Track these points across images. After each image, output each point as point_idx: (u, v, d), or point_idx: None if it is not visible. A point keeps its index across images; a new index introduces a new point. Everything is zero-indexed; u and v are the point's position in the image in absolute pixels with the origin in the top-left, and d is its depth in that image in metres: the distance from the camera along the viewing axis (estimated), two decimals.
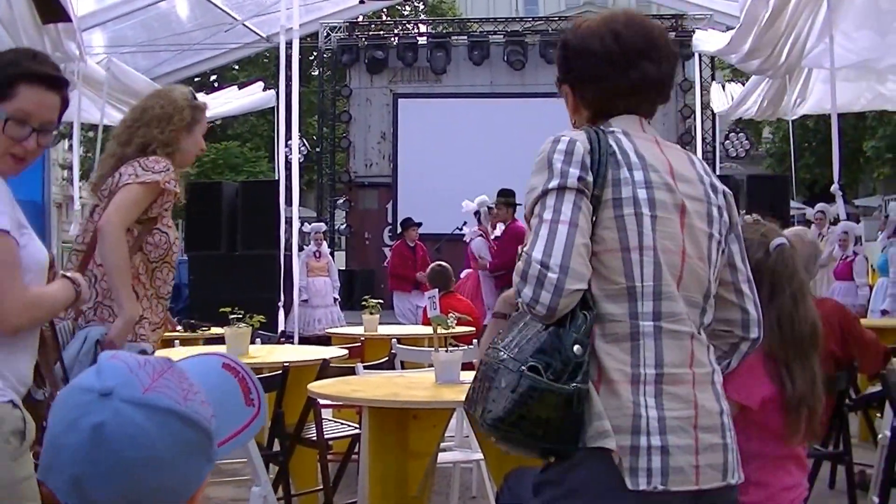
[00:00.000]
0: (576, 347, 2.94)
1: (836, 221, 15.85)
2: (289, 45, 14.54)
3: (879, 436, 7.18)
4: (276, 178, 15.96)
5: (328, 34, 27.98)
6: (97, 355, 4.04)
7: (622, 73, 3.24)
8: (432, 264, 13.45)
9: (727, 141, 27.98)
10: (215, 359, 2.09)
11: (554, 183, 3.04)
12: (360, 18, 29.86)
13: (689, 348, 3.08)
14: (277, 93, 17.19)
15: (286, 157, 15.31)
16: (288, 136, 15.67)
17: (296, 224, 14.15)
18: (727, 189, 3.37)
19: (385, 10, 38.46)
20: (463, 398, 3.51)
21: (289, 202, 14.21)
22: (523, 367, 2.95)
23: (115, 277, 5.13)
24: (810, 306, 3.86)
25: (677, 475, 2.96)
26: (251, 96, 21.75)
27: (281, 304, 13.93)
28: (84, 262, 5.33)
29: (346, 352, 8.46)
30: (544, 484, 3.12)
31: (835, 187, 11.74)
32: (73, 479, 1.72)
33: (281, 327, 13.57)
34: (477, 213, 16.72)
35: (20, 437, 3.38)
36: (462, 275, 16.08)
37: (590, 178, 3.04)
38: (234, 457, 6.58)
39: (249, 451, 4.86)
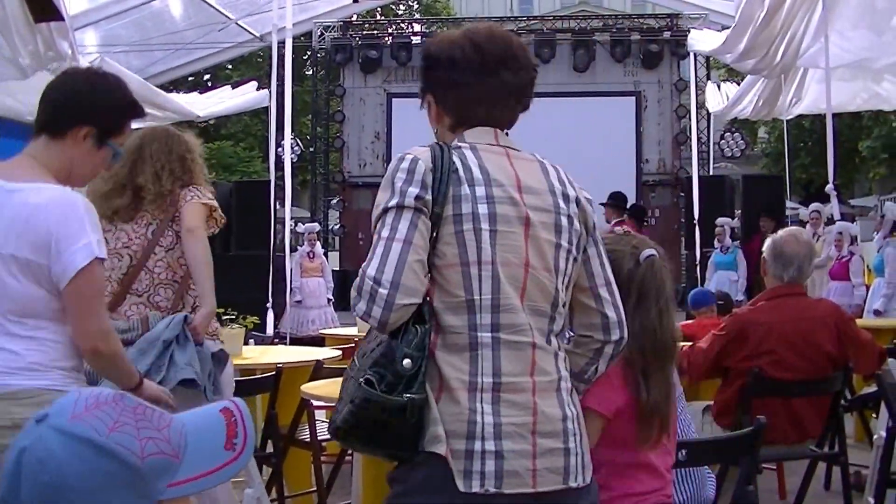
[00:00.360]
0: (405, 361, 3.09)
1: (831, 221, 15.83)
2: (282, 44, 14.51)
3: (875, 436, 7.17)
4: (268, 178, 15.95)
5: (322, 33, 28.00)
6: (184, 332, 5.42)
7: (481, 81, 3.42)
8: None
9: (722, 141, 28.03)
10: (220, 403, 2.10)
11: (393, 202, 3.19)
12: (354, 18, 29.87)
13: (531, 357, 3.20)
14: (270, 92, 17.15)
15: (279, 156, 15.26)
16: (281, 136, 15.62)
17: (288, 224, 14.11)
18: (586, 196, 3.51)
19: (379, 9, 38.48)
20: None
21: (282, 202, 14.17)
22: (360, 380, 3.11)
23: (205, 272, 5.81)
24: (674, 318, 3.92)
25: (512, 478, 3.09)
26: (245, 96, 21.68)
27: (269, 304, 13.88)
28: (137, 269, 5.90)
29: (339, 353, 8.46)
30: (392, 482, 3.26)
31: (829, 187, 11.72)
32: (2, 501, 1.76)
33: (269, 328, 13.53)
34: None
35: None
36: None
37: (428, 197, 3.17)
38: None
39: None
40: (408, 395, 3.08)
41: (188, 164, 6.15)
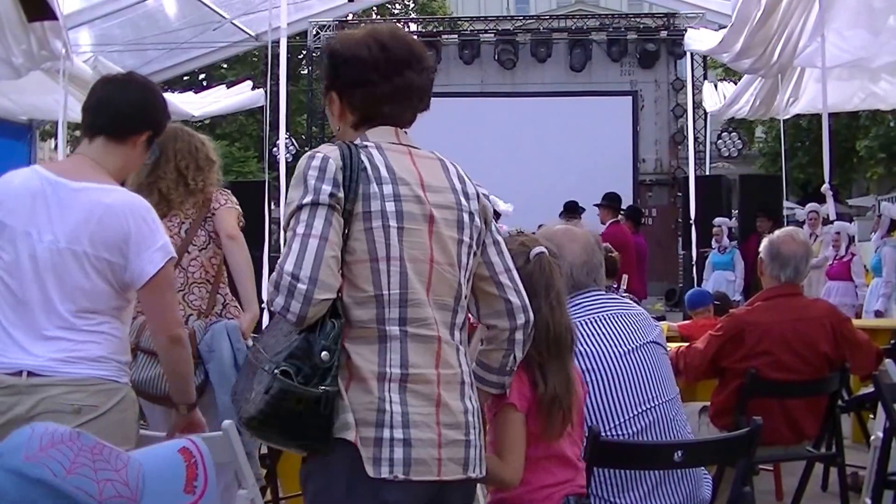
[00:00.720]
0: (323, 354, 3.22)
1: (828, 222, 15.81)
2: (277, 43, 14.48)
3: (872, 437, 7.13)
4: (264, 178, 15.94)
5: (317, 33, 27.92)
6: (234, 339, 5.78)
7: (387, 79, 3.54)
8: None
9: (720, 140, 27.96)
10: (180, 442, 2.08)
11: (308, 199, 3.29)
12: (350, 17, 29.78)
13: (436, 351, 3.37)
14: (267, 92, 17.09)
15: (274, 156, 15.24)
16: (276, 136, 15.61)
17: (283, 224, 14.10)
18: (483, 192, 3.69)
19: (375, 8, 38.36)
20: None
21: (277, 202, 14.13)
22: (276, 371, 3.20)
23: (248, 278, 6.13)
24: (566, 311, 3.97)
25: (419, 466, 3.25)
26: (240, 95, 21.65)
27: (264, 305, 13.82)
28: None
29: None
30: (307, 473, 3.38)
31: (825, 187, 11.71)
32: None
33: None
34: None
35: (139, 415, 4.43)
36: None
37: (341, 194, 3.30)
38: None
39: (237, 454, 4.81)
40: (323, 388, 3.20)
41: (210, 163, 6.31)
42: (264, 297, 14.54)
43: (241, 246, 6.07)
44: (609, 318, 4.56)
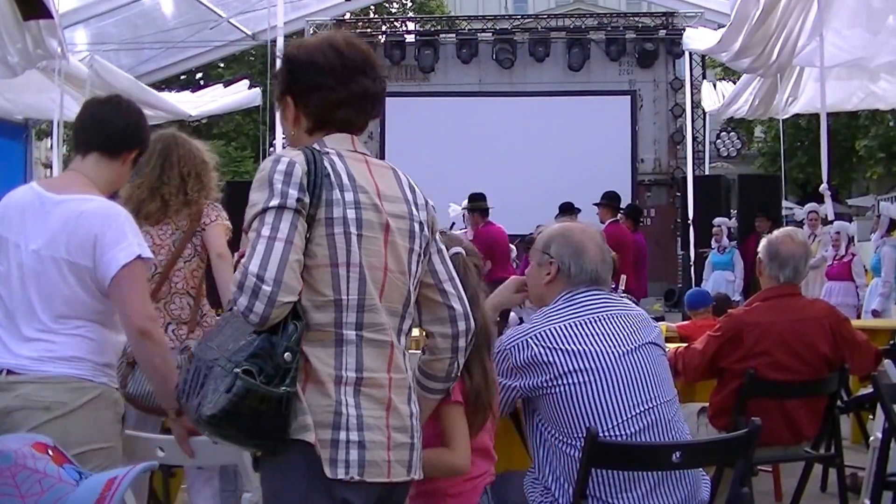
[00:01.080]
0: (286, 355, 3.31)
1: (827, 222, 15.79)
2: (273, 42, 14.46)
3: (871, 438, 7.11)
4: None
5: (314, 32, 27.87)
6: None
7: (343, 85, 3.63)
8: None
9: (718, 140, 28.01)
10: (109, 474, 2.06)
11: (274, 202, 3.36)
12: (347, 16, 29.76)
13: (389, 355, 3.51)
14: (265, 92, 17.06)
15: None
16: (273, 136, 15.59)
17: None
18: (430, 203, 3.79)
19: (372, 7, 38.43)
20: None
21: None
22: (238, 370, 3.26)
23: None
24: (480, 310, 4.10)
25: (373, 468, 3.39)
26: (236, 94, 21.64)
27: None
28: (162, 279, 6.18)
29: None
30: (262, 474, 3.53)
31: (823, 187, 11.71)
32: None
33: None
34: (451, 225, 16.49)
35: (122, 417, 4.54)
36: None
37: (307, 199, 3.40)
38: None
39: (241, 457, 4.81)
40: (284, 388, 3.30)
41: (209, 171, 6.45)
42: None
43: (229, 264, 6.12)
44: (608, 318, 4.53)
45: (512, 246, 19.66)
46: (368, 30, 29.66)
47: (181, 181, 6.21)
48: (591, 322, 4.48)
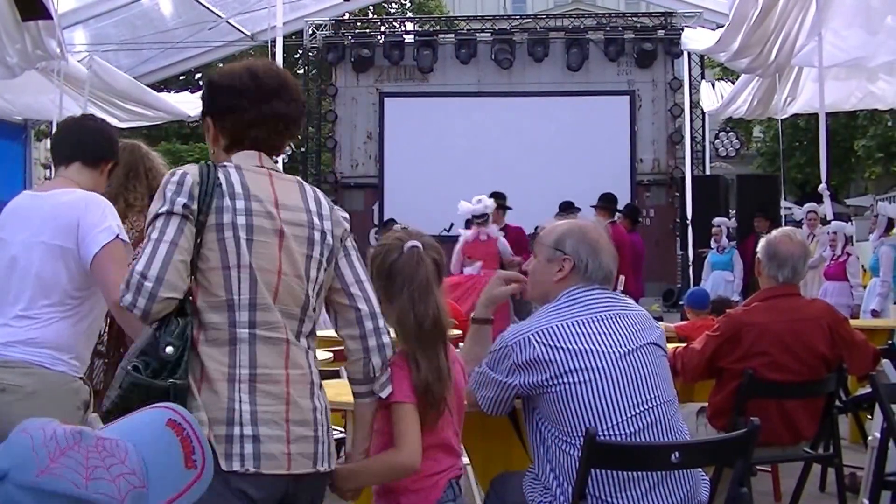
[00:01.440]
0: (168, 349, 3.56)
1: (825, 222, 15.79)
2: (272, 43, 14.46)
3: (869, 437, 7.15)
4: None
5: (313, 32, 27.90)
6: None
7: (255, 106, 3.89)
8: None
9: (717, 140, 27.98)
10: (163, 414, 2.07)
11: (164, 209, 3.64)
12: (346, 16, 29.76)
13: (285, 352, 3.72)
14: None
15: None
16: None
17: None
18: (343, 215, 4.06)
19: (371, 7, 38.44)
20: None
21: None
22: (129, 367, 3.54)
23: None
24: (433, 303, 4.15)
25: (269, 460, 3.59)
26: None
27: None
28: None
29: (330, 355, 8.38)
30: None
31: (822, 187, 11.71)
32: None
33: None
34: (484, 216, 16.34)
35: (86, 407, 4.82)
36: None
37: (194, 206, 3.65)
38: None
39: None
40: (171, 380, 3.53)
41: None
42: None
43: None
44: (609, 317, 4.55)
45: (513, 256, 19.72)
46: (367, 30, 29.66)
47: (149, 192, 6.32)
48: (592, 321, 4.49)
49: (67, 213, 4.79)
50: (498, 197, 15.88)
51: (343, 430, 7.12)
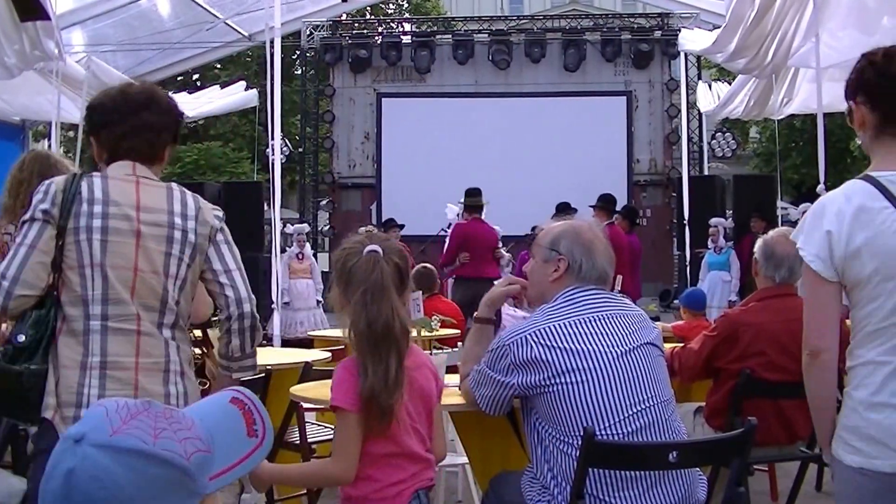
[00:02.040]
0: (19, 337, 4.04)
1: None
2: (270, 44, 14.44)
3: None
4: (257, 179, 15.92)
5: (311, 33, 27.92)
6: None
7: (125, 119, 4.33)
8: (416, 266, 13.33)
9: (714, 141, 27.99)
10: (227, 394, 2.16)
11: (28, 215, 4.15)
12: (344, 17, 29.77)
13: (136, 342, 4.11)
14: (262, 93, 17.03)
15: (268, 157, 15.21)
16: (271, 137, 15.59)
17: (277, 225, 13.99)
18: (217, 214, 4.44)
19: (369, 8, 38.42)
20: (448, 401, 4.45)
21: (269, 204, 14.11)
22: None
23: None
24: (387, 307, 4.13)
25: None
26: (233, 96, 21.64)
27: (274, 306, 13.88)
28: None
29: (328, 354, 8.40)
30: (35, 449, 4.24)
31: (820, 188, 11.70)
32: None
33: (276, 329, 13.54)
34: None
35: None
36: None
37: (55, 212, 4.12)
38: None
39: None
40: (25, 365, 4.03)
41: None
42: (277, 298, 14.58)
43: None
44: (607, 317, 4.56)
45: (505, 252, 19.69)
46: (364, 31, 29.68)
47: None
48: (590, 321, 4.50)
49: None
50: (469, 195, 15.85)
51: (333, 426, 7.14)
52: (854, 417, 3.71)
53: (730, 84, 20.64)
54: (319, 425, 7.80)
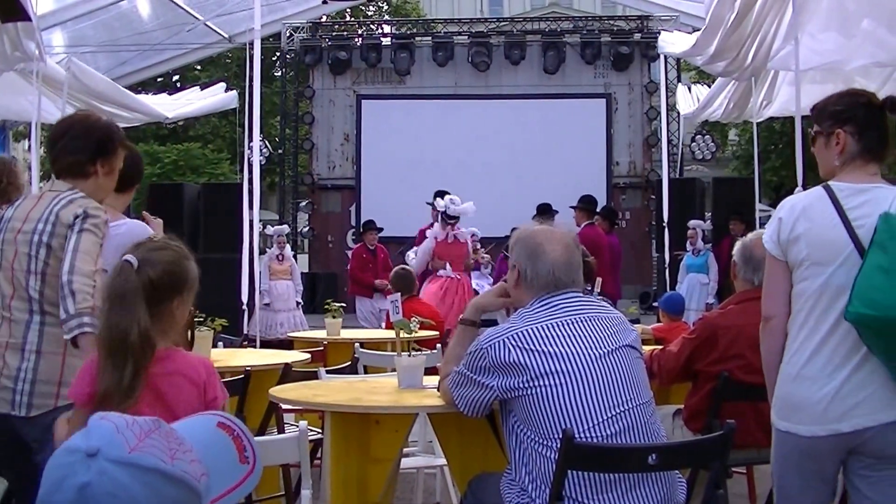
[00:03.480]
0: None
1: None
2: (250, 45, 14.42)
3: None
4: (239, 180, 15.88)
5: (291, 34, 27.89)
6: None
7: (50, 150, 5.42)
8: (395, 268, 13.35)
9: (693, 143, 28.02)
10: (211, 418, 2.17)
11: None
12: (324, 19, 29.75)
13: (7, 327, 5.11)
14: (242, 94, 17.00)
15: (248, 159, 15.17)
16: (249, 139, 15.57)
17: (256, 227, 13.96)
18: (75, 213, 5.07)
19: (348, 10, 38.41)
20: (426, 403, 4.71)
21: (250, 205, 14.08)
22: None
23: None
24: (127, 317, 4.02)
25: None
26: (213, 97, 21.55)
27: (245, 307, 13.83)
28: None
29: (308, 356, 8.41)
30: None
31: (798, 190, 11.71)
32: None
33: (245, 329, 13.49)
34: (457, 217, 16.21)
35: None
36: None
37: None
38: None
39: (304, 456, 4.99)
40: None
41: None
42: (257, 300, 14.55)
43: None
44: (585, 320, 4.58)
45: (486, 254, 19.68)
46: (344, 32, 29.66)
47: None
48: (567, 324, 4.52)
49: None
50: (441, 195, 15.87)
51: (320, 430, 7.14)
52: (784, 388, 4.71)
53: (709, 87, 20.63)
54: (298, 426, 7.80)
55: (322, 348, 9.59)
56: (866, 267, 4.42)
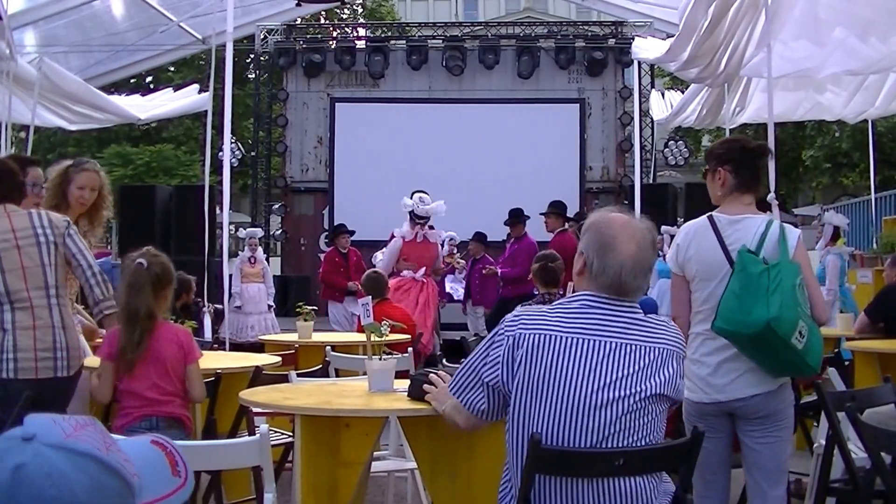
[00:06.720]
0: None
1: None
2: (223, 47, 14.38)
3: (815, 445, 7.22)
4: (206, 182, 15.83)
5: (265, 37, 27.85)
6: None
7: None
8: (367, 271, 13.34)
9: (666, 149, 28.09)
10: (145, 438, 2.20)
11: None
12: (298, 21, 29.70)
13: (31, 312, 6.42)
14: (215, 96, 16.93)
15: (220, 160, 15.13)
16: (221, 140, 15.54)
17: (227, 229, 13.90)
18: (64, 219, 6.80)
19: (323, 13, 38.36)
20: (397, 406, 5.13)
21: (221, 207, 14.04)
22: None
23: None
24: (140, 299, 6.64)
25: (24, 373, 6.38)
26: (186, 99, 21.49)
27: (206, 309, 13.79)
28: None
29: (279, 359, 8.40)
30: None
31: (771, 196, 11.75)
32: None
33: (206, 334, 13.42)
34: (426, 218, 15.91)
35: None
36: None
37: None
38: None
39: (264, 459, 4.99)
40: None
41: None
42: (226, 302, 14.51)
43: None
44: (612, 348, 4.27)
45: (461, 259, 19.67)
46: (319, 35, 29.62)
47: None
48: (593, 347, 4.25)
49: None
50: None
51: (291, 434, 7.14)
52: (687, 369, 5.67)
53: (682, 93, 20.73)
54: (269, 430, 7.77)
55: (293, 351, 9.56)
56: (727, 291, 5.75)
